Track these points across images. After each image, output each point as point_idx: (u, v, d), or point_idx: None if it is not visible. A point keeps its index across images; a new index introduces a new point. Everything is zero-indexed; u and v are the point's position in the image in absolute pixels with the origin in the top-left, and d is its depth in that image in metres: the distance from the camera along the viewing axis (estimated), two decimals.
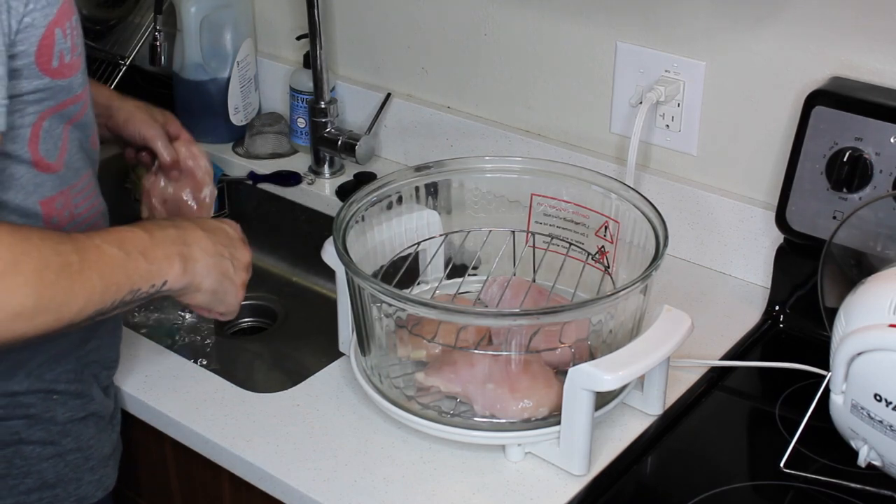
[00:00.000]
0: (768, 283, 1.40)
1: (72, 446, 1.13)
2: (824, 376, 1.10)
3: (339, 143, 1.70)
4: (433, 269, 1.34)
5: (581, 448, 1.10)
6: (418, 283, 1.34)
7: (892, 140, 1.24)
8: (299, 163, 1.80)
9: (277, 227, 1.79)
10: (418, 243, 1.33)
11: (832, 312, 1.13)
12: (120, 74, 1.87)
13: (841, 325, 1.09)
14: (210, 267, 1.08)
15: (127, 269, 0.98)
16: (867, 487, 1.10)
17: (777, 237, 1.38)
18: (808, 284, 1.33)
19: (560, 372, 1.14)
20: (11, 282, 0.86)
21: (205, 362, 1.53)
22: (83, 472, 1.14)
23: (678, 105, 1.45)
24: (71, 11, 1.00)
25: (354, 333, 1.22)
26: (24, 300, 0.87)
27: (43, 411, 1.09)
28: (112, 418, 1.20)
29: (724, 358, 1.30)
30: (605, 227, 1.28)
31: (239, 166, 1.81)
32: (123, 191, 1.78)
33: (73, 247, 0.93)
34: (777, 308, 1.38)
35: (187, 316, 1.59)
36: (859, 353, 1.05)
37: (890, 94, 1.27)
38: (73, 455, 1.13)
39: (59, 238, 0.93)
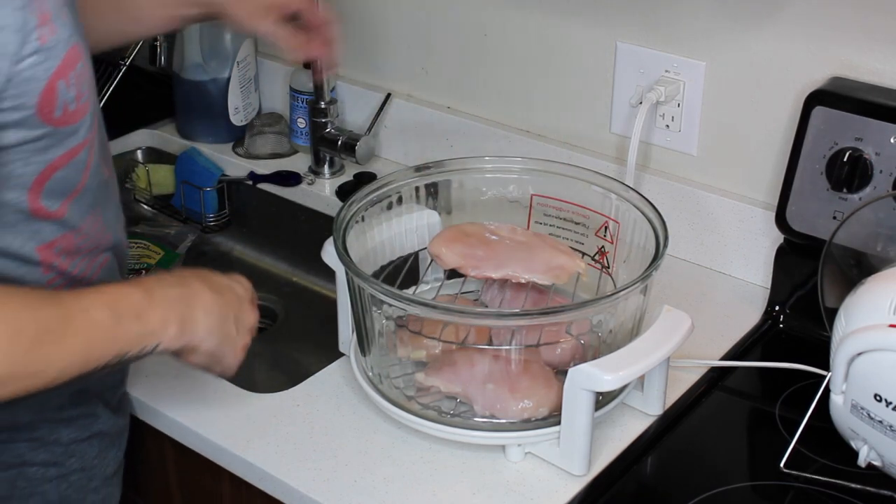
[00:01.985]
0: (768, 283, 1.40)
1: (76, 466, 1.12)
2: (824, 376, 1.10)
3: (339, 143, 1.70)
4: (434, 270, 1.34)
5: (581, 448, 1.10)
6: (419, 284, 1.34)
7: (892, 140, 1.24)
8: (299, 163, 1.80)
9: (277, 227, 1.79)
10: (417, 252, 1.33)
11: (832, 312, 1.13)
12: (120, 74, 1.87)
13: (841, 325, 1.09)
14: (211, 330, 1.03)
15: (115, 335, 0.94)
16: (867, 487, 1.10)
17: (777, 237, 1.38)
18: (808, 284, 1.33)
19: (560, 372, 1.14)
20: None
21: None
22: (87, 492, 1.13)
23: (678, 105, 1.45)
24: (77, 59, 0.96)
25: (354, 333, 1.22)
26: None
27: (47, 434, 1.09)
28: (119, 436, 1.19)
29: (724, 358, 1.30)
30: (605, 227, 1.28)
31: (239, 166, 1.81)
32: (124, 191, 1.78)
33: (56, 312, 0.89)
34: (777, 308, 1.38)
35: None
36: (859, 353, 1.05)
37: (890, 94, 1.27)
38: (76, 475, 1.12)
39: (41, 302, 0.89)
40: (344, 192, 1.70)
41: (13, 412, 1.04)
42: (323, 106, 1.71)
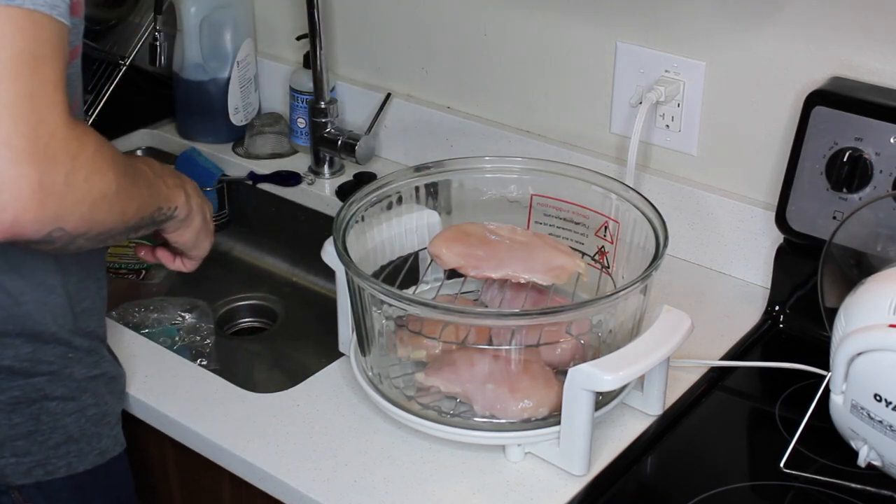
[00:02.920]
0: (768, 283, 1.40)
1: (90, 402, 1.16)
2: (824, 376, 1.10)
3: (339, 143, 1.70)
4: (433, 270, 1.34)
5: (581, 448, 1.10)
6: (419, 284, 1.34)
7: (892, 140, 1.24)
8: (299, 163, 1.80)
9: (277, 227, 1.79)
10: (417, 252, 1.32)
11: (832, 312, 1.13)
12: (120, 74, 1.87)
13: (841, 325, 1.09)
14: (199, 206, 1.16)
15: (157, 188, 1.05)
16: (867, 487, 1.10)
17: (777, 237, 1.38)
18: (808, 284, 1.33)
19: (560, 372, 1.14)
20: (102, 164, 0.92)
21: (205, 362, 1.53)
22: (102, 426, 1.18)
23: (678, 105, 1.45)
24: None
25: (354, 333, 1.22)
26: (109, 184, 0.93)
27: (62, 367, 1.13)
28: (118, 380, 1.22)
29: (724, 358, 1.30)
30: (605, 227, 1.28)
31: (239, 166, 1.81)
32: None
33: (124, 156, 0.98)
34: (777, 308, 1.38)
35: (187, 316, 1.59)
36: (859, 353, 1.05)
37: (890, 94, 1.27)
38: (92, 410, 1.16)
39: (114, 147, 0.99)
40: (344, 192, 1.70)
41: (40, 322, 1.10)
42: (323, 106, 1.71)
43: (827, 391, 1.10)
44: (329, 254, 1.22)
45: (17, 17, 0.86)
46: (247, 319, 1.73)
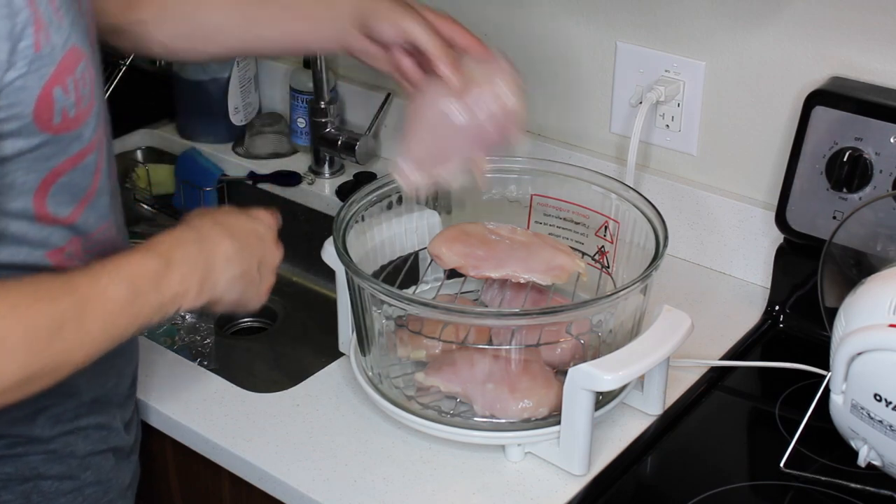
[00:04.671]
0: (768, 283, 1.40)
1: (91, 479, 1.08)
2: (824, 376, 1.10)
3: (339, 143, 1.70)
4: (433, 269, 1.34)
5: (581, 448, 1.10)
6: (419, 284, 1.34)
7: (892, 140, 1.24)
8: (299, 163, 1.80)
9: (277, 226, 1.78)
10: (417, 252, 1.32)
11: (832, 312, 1.13)
12: (120, 74, 1.87)
13: (841, 325, 1.09)
14: (233, 281, 1.01)
15: (135, 309, 0.92)
16: (867, 487, 1.10)
17: (777, 237, 1.38)
18: (808, 284, 1.33)
19: (560, 372, 1.14)
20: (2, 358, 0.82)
21: (205, 362, 1.53)
22: None
23: (678, 105, 1.45)
24: (76, 61, 0.92)
25: (354, 333, 1.22)
26: (10, 376, 0.83)
27: (63, 447, 1.05)
28: (132, 450, 1.16)
29: (724, 358, 1.30)
30: (605, 227, 1.28)
31: (239, 166, 1.81)
32: (124, 191, 1.78)
33: (71, 300, 0.87)
34: (777, 308, 1.38)
35: (187, 316, 1.59)
36: (859, 353, 1.05)
37: (890, 94, 1.27)
38: (91, 489, 1.08)
39: (55, 292, 0.87)
40: (344, 192, 1.70)
41: (28, 425, 1.02)
42: (323, 106, 1.71)
43: (827, 391, 1.10)
44: (329, 254, 1.22)
45: None
46: (247, 319, 1.73)
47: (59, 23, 0.90)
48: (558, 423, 1.11)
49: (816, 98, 1.28)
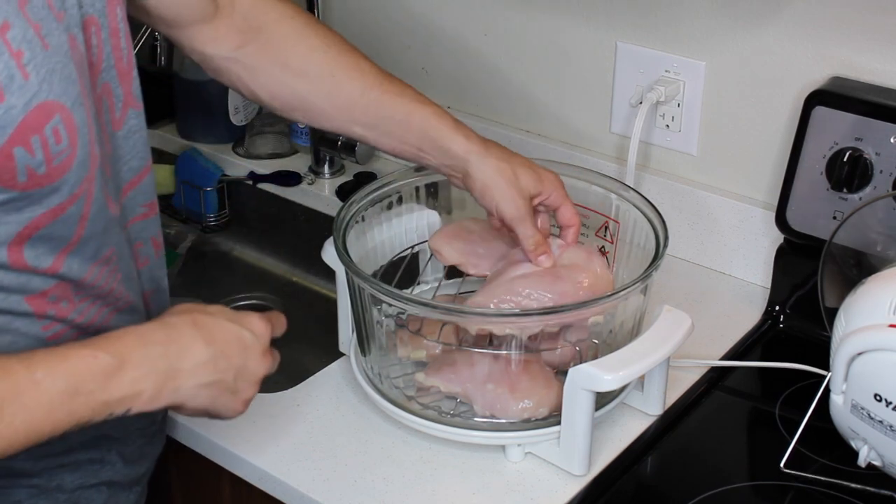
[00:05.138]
0: (768, 283, 1.40)
1: None
2: (824, 376, 1.10)
3: (339, 143, 1.70)
4: (433, 269, 1.34)
5: (581, 448, 1.10)
6: (418, 284, 1.34)
7: (892, 140, 1.24)
8: (299, 163, 1.80)
9: (277, 227, 1.79)
10: (414, 246, 1.32)
11: (832, 312, 1.13)
12: None
13: (841, 325, 1.09)
14: (201, 388, 0.92)
15: (71, 407, 0.83)
16: (867, 487, 1.10)
17: (777, 237, 1.38)
18: (808, 284, 1.33)
19: (560, 372, 1.14)
20: None
21: None
22: None
23: (678, 105, 1.45)
24: (47, 116, 0.84)
25: (354, 333, 1.22)
26: None
27: (47, 481, 0.99)
28: (136, 482, 1.10)
29: (724, 358, 1.30)
30: (605, 227, 1.28)
31: (239, 166, 1.81)
32: None
33: (1, 385, 0.80)
34: (777, 308, 1.38)
35: None
36: (859, 353, 1.04)
37: (890, 94, 1.27)
38: None
39: None
40: (344, 192, 1.70)
41: (11, 458, 0.87)
42: None
43: (827, 391, 1.10)
44: (329, 254, 1.22)
45: None
46: None
47: (22, 81, 0.82)
48: (558, 423, 1.11)
49: (816, 98, 1.28)
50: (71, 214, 0.91)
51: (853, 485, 1.10)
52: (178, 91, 1.86)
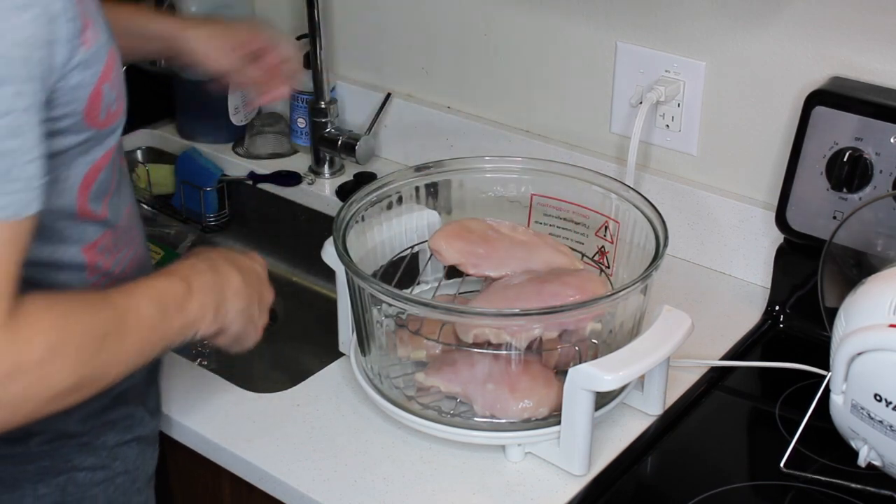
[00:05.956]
0: (768, 283, 1.40)
1: (120, 469, 1.11)
2: (824, 376, 1.10)
3: (339, 143, 1.70)
4: (433, 269, 1.34)
5: (581, 448, 1.10)
6: (417, 283, 1.34)
7: (892, 140, 1.24)
8: (299, 163, 1.80)
9: (277, 227, 1.79)
10: (414, 245, 1.32)
11: (832, 312, 1.13)
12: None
13: (841, 325, 1.09)
14: (240, 313, 1.06)
15: (163, 329, 0.96)
16: (867, 487, 1.10)
17: (777, 237, 1.38)
18: (808, 284, 1.33)
19: (560, 372, 1.14)
20: (51, 367, 0.84)
21: (205, 362, 1.53)
22: (131, 494, 1.13)
23: (678, 105, 1.45)
24: (116, 59, 0.96)
25: (354, 333, 1.22)
26: (62, 382, 0.85)
27: (94, 439, 1.08)
28: (156, 438, 1.19)
29: (724, 358, 1.30)
30: (605, 227, 1.28)
31: (239, 166, 1.81)
32: None
33: (112, 314, 0.90)
34: (777, 308, 1.38)
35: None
36: (859, 353, 1.05)
37: (890, 94, 1.27)
38: (121, 478, 1.12)
39: (98, 305, 0.90)
40: (344, 192, 1.70)
41: (64, 420, 1.03)
42: (323, 106, 1.71)
43: (827, 391, 1.10)
44: (329, 254, 1.22)
45: None
46: None
47: (101, 23, 0.94)
48: (558, 423, 1.11)
49: (816, 98, 1.28)
50: (115, 159, 1.02)
51: (853, 485, 1.10)
52: (178, 91, 1.86)
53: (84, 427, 1.07)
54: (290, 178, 1.76)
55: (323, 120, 1.72)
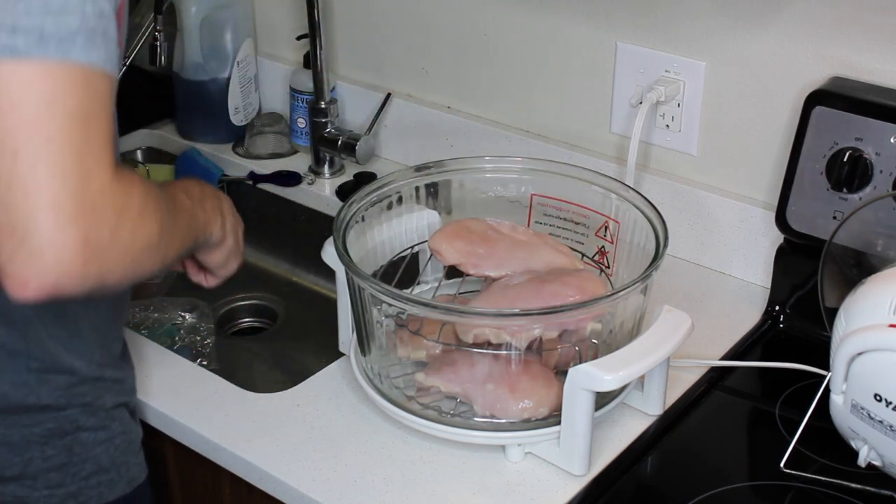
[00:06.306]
0: (768, 283, 1.40)
1: (118, 430, 1.15)
2: (824, 376, 1.10)
3: (339, 143, 1.70)
4: (433, 269, 1.34)
5: (581, 448, 1.10)
6: (417, 283, 1.34)
7: (892, 140, 1.24)
8: (299, 163, 1.80)
9: (277, 227, 1.79)
10: (414, 245, 1.32)
11: (832, 312, 1.13)
12: (120, 74, 1.86)
13: (841, 325, 1.09)
14: (234, 227, 1.16)
15: (196, 218, 1.06)
16: (867, 487, 1.10)
17: (777, 237, 1.38)
18: (808, 284, 1.33)
19: (560, 372, 1.14)
20: (145, 217, 0.90)
21: (205, 362, 1.52)
22: (129, 454, 1.17)
23: (678, 105, 1.45)
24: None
25: (354, 333, 1.22)
26: (153, 233, 0.91)
27: (95, 398, 1.12)
28: (136, 411, 1.22)
29: (724, 358, 1.30)
30: (605, 227, 1.28)
31: (239, 166, 1.81)
32: None
33: (165, 194, 0.97)
34: (777, 308, 1.38)
35: (187, 316, 1.59)
36: (859, 353, 1.05)
37: (890, 94, 1.27)
38: (120, 439, 1.16)
39: (158, 185, 0.98)
40: (344, 192, 1.70)
41: (70, 388, 1.10)
42: (323, 106, 1.71)
43: (827, 391, 1.10)
44: (329, 254, 1.22)
45: (74, 75, 0.85)
46: (247, 319, 1.73)
47: None
48: (558, 423, 1.11)
49: (816, 98, 1.28)
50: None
51: (853, 485, 1.10)
52: (178, 91, 1.86)
53: (87, 367, 1.11)
54: (290, 178, 1.76)
55: (323, 120, 1.72)
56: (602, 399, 1.14)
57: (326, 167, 1.76)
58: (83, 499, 1.13)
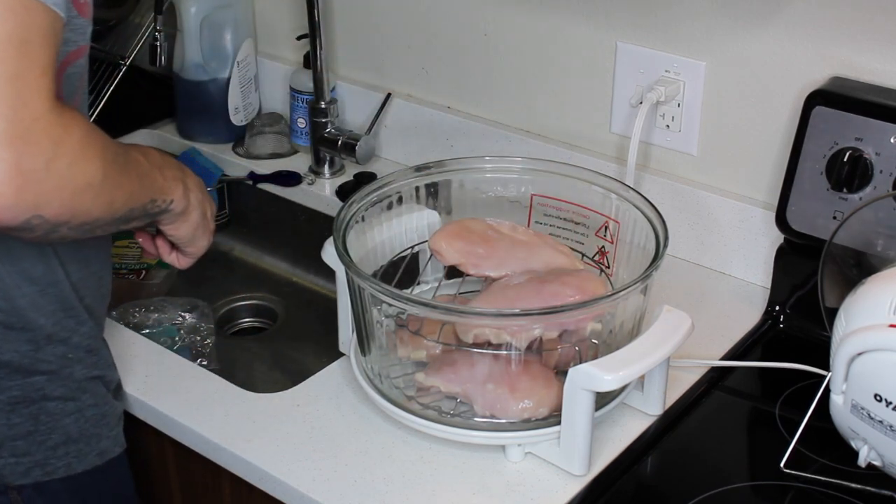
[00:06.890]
0: (768, 283, 1.40)
1: (90, 402, 1.16)
2: (824, 376, 1.10)
3: (339, 143, 1.70)
4: (433, 269, 1.34)
5: (581, 448, 1.10)
6: (418, 283, 1.34)
7: (892, 140, 1.24)
8: (299, 163, 1.80)
9: (277, 227, 1.79)
10: (414, 245, 1.32)
11: (832, 312, 1.13)
12: (120, 74, 1.87)
13: (841, 325, 1.09)
14: (199, 201, 1.15)
15: (151, 179, 1.04)
16: (867, 487, 1.10)
17: (777, 237, 1.38)
18: (808, 284, 1.33)
19: (560, 372, 1.14)
20: (86, 154, 0.91)
21: (205, 362, 1.53)
22: (102, 427, 1.17)
23: (678, 105, 1.45)
24: None
25: (354, 333, 1.22)
26: (95, 173, 0.92)
27: (61, 367, 1.13)
28: (119, 389, 1.23)
29: (724, 358, 1.30)
30: (605, 227, 1.28)
31: (239, 166, 1.81)
32: None
33: (117, 146, 0.98)
34: (777, 308, 1.38)
35: (187, 316, 1.59)
36: (859, 354, 1.05)
37: (890, 94, 1.27)
38: (91, 411, 1.16)
39: (110, 138, 0.98)
40: (344, 192, 1.70)
41: (34, 351, 1.10)
42: (323, 106, 1.71)
43: (827, 391, 1.10)
44: (329, 254, 1.22)
45: (9, 1, 0.86)
46: (247, 319, 1.73)
47: None
48: (558, 423, 1.11)
49: (816, 98, 1.28)
50: (82, 64, 1.05)
51: (853, 485, 1.10)
52: (178, 91, 1.86)
53: (52, 359, 1.11)
54: (290, 178, 1.76)
55: (323, 120, 1.72)
56: (602, 399, 1.14)
57: (326, 167, 1.76)
58: (50, 468, 1.13)
